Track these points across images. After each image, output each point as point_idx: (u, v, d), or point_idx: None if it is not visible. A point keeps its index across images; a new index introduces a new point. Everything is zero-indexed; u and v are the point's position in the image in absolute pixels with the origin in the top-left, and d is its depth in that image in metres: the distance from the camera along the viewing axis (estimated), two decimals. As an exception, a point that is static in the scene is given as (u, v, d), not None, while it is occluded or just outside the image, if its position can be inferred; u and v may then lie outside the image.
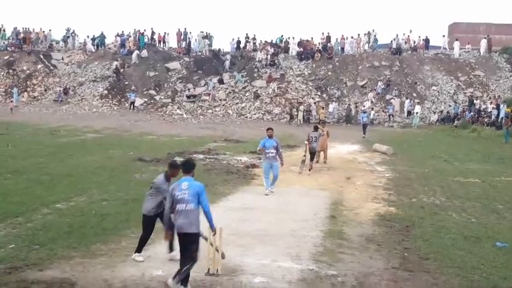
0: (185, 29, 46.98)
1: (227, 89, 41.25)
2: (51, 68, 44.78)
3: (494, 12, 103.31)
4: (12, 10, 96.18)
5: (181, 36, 46.79)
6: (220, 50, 47.79)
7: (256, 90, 40.51)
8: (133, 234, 9.26)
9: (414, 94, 39.64)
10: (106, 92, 41.55)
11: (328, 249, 8.88)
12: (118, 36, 48.14)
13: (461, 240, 9.65)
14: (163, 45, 48.05)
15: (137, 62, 43.83)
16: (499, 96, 37.35)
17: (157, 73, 43.24)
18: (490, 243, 9.43)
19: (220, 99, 40.35)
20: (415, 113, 36.38)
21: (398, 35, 45.00)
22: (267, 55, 43.12)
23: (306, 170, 16.85)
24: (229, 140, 25.61)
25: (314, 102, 38.60)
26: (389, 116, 37.51)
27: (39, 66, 44.40)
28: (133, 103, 39.69)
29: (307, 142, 17.23)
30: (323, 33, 46.21)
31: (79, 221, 9.99)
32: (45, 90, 42.84)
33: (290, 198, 12.98)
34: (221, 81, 41.71)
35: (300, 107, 36.57)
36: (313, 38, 45.88)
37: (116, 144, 22.30)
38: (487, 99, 37.47)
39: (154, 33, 47.81)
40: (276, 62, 42.75)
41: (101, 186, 13.33)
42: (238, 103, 39.82)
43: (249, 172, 16.63)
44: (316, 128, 18.58)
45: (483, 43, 44.35)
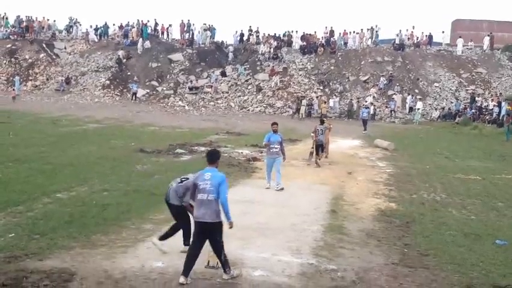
0: (188, 20, 46.93)
1: (229, 81, 41.21)
2: (53, 57, 44.68)
3: (497, 10, 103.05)
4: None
5: (184, 28, 46.67)
6: (223, 42, 47.69)
7: (259, 83, 40.46)
8: (133, 225, 9.29)
9: (416, 90, 39.56)
10: (108, 82, 41.49)
11: (328, 243, 8.88)
12: (120, 28, 48.01)
13: (461, 237, 9.65)
14: (166, 36, 47.90)
15: (142, 50, 43.64)
16: (501, 93, 37.29)
17: (159, 64, 43.15)
18: (490, 241, 9.44)
19: (222, 92, 40.32)
20: (417, 109, 36.27)
21: (401, 31, 44.98)
22: (270, 48, 43.06)
23: (314, 162, 17.07)
24: (231, 133, 25.60)
25: (316, 96, 38.55)
26: (391, 111, 37.43)
27: (41, 55, 44.31)
28: (135, 94, 39.66)
29: (313, 134, 17.34)
30: (326, 27, 46.30)
31: (79, 211, 9.99)
32: (47, 79, 42.78)
33: (291, 192, 12.96)
34: (224, 74, 41.66)
35: (302, 101, 36.53)
36: (316, 32, 45.95)
37: (117, 135, 22.31)
38: (489, 97, 37.45)
39: (157, 24, 47.74)
40: (279, 55, 42.68)
41: (102, 177, 13.34)
42: (240, 96, 39.79)
43: (250, 165, 16.62)
44: (323, 121, 18.72)
45: (486, 40, 44.25)
